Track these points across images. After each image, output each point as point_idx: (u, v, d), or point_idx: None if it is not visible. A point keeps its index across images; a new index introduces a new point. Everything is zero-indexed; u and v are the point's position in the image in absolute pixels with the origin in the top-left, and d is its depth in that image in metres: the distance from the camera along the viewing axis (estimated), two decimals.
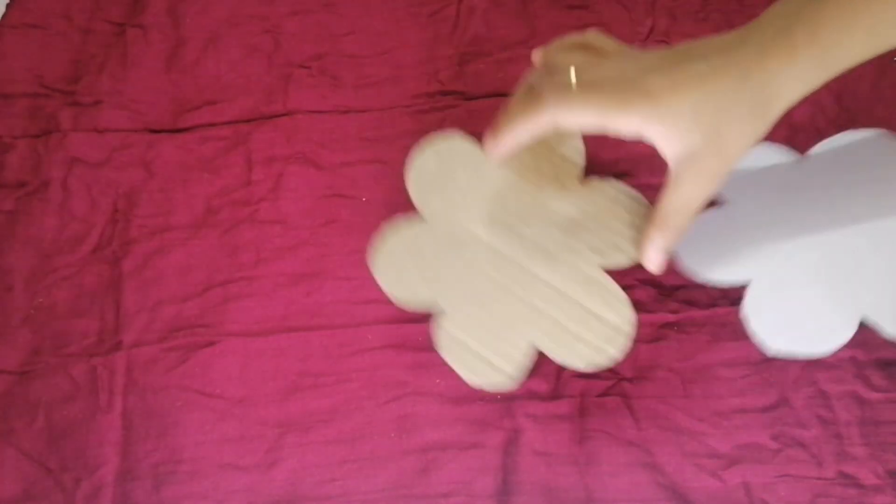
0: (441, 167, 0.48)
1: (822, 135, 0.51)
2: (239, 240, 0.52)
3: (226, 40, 0.58)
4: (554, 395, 0.46)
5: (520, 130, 0.40)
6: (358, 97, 0.56)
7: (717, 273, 0.46)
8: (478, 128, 0.53)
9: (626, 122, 0.37)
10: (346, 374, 0.48)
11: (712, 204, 0.46)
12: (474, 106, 0.54)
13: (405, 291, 0.46)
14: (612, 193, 0.46)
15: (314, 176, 0.53)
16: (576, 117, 0.38)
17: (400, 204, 0.52)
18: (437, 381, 0.47)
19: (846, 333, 0.44)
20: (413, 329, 0.48)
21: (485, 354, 0.44)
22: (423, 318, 0.48)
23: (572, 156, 0.47)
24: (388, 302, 0.49)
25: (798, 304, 0.45)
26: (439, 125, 0.54)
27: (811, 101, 0.51)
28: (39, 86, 0.57)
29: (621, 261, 0.45)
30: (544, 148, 0.47)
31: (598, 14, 0.56)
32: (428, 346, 0.48)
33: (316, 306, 0.50)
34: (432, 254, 0.46)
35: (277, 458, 0.46)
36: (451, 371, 0.47)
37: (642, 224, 0.45)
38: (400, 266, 0.46)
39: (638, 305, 0.46)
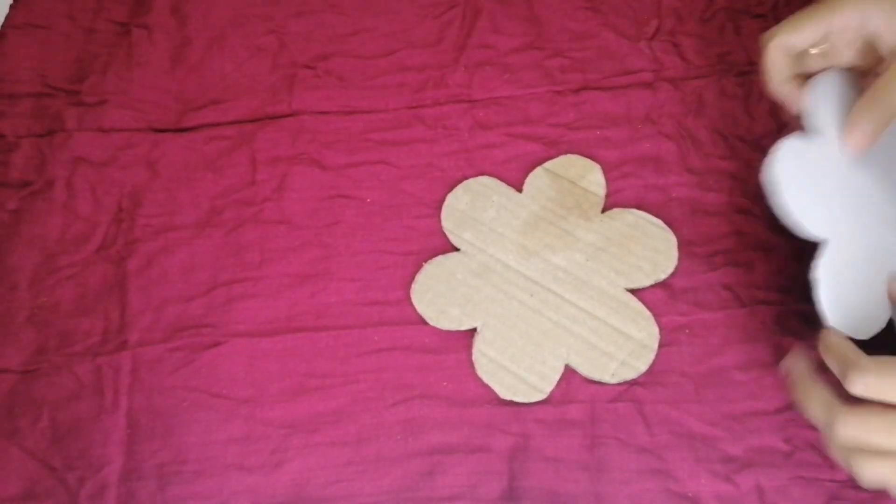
0: (472, 203, 0.51)
1: None
2: (243, 240, 0.52)
3: (230, 40, 0.58)
4: (564, 401, 0.46)
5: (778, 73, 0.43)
6: (363, 98, 0.56)
7: (802, 216, 0.41)
8: (481, 128, 0.54)
9: (846, 18, 0.40)
10: (353, 376, 0.47)
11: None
12: (481, 107, 0.54)
13: (443, 316, 0.48)
14: (632, 220, 0.50)
15: (318, 176, 0.53)
16: (802, 33, 0.41)
17: (404, 206, 0.52)
18: (445, 383, 0.47)
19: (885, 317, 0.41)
20: (420, 331, 0.48)
21: (519, 372, 0.47)
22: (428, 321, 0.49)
23: (593, 188, 0.51)
24: (395, 304, 0.49)
25: (864, 278, 0.41)
26: (445, 126, 0.54)
27: None
28: (44, 85, 0.57)
29: (643, 281, 0.48)
30: (567, 182, 0.51)
31: (604, 15, 0.56)
32: (435, 349, 0.48)
33: (321, 307, 0.50)
34: (465, 282, 0.49)
35: (283, 459, 0.46)
36: (459, 374, 0.47)
37: (661, 246, 0.49)
38: (437, 293, 0.49)
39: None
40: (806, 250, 0.47)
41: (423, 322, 0.48)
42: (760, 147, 0.51)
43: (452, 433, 0.46)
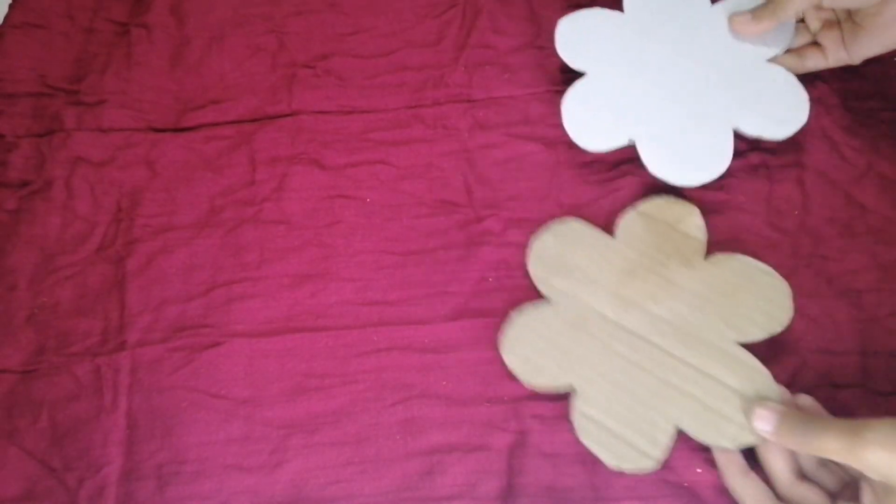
0: (560, 249, 0.48)
1: (830, 137, 0.51)
2: (242, 240, 0.52)
3: (230, 40, 0.58)
4: (561, 396, 0.46)
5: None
6: (362, 97, 0.56)
7: (601, 140, 0.49)
8: (481, 128, 0.54)
9: None
10: (352, 376, 0.47)
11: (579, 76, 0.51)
12: (480, 107, 0.54)
13: (537, 374, 0.45)
14: (740, 267, 0.46)
15: (318, 176, 0.53)
16: None
17: (404, 206, 0.52)
18: (444, 383, 0.47)
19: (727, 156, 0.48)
20: (419, 331, 0.48)
21: (627, 437, 0.43)
22: (428, 321, 0.49)
23: (693, 232, 0.48)
24: (394, 304, 0.49)
25: (680, 140, 0.49)
26: (444, 126, 0.54)
27: (816, 100, 0.52)
28: (43, 85, 0.57)
29: (756, 335, 0.44)
30: (664, 226, 0.48)
31: None
32: (434, 349, 0.48)
33: (321, 307, 0.49)
34: (561, 335, 0.46)
35: (282, 459, 0.46)
36: (457, 373, 0.47)
37: (775, 296, 0.45)
38: (529, 349, 0.46)
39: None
40: (803, 244, 0.48)
41: (423, 322, 0.48)
42: (759, 146, 0.51)
43: (451, 432, 0.46)
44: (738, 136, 0.49)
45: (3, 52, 0.58)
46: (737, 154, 0.49)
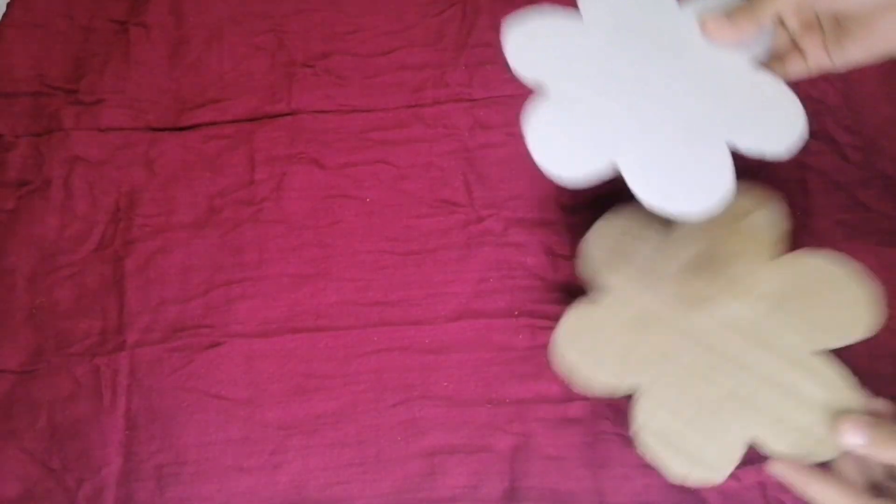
0: (619, 244, 0.45)
1: (831, 138, 0.51)
2: (242, 240, 0.52)
3: (229, 39, 0.58)
4: (566, 398, 0.46)
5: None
6: (363, 97, 0.55)
7: (578, 168, 0.41)
8: (482, 127, 0.54)
9: None
10: (353, 377, 0.47)
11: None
12: (481, 106, 0.54)
13: (595, 377, 0.42)
14: (818, 265, 0.42)
15: (318, 176, 0.53)
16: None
17: (404, 206, 0.52)
18: (445, 384, 0.47)
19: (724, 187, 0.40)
20: (420, 331, 0.48)
21: (692, 448, 0.40)
22: (429, 321, 0.48)
23: (766, 225, 0.44)
24: (395, 304, 0.49)
25: (673, 164, 0.40)
26: (445, 126, 0.54)
27: (817, 100, 0.51)
28: (41, 84, 0.57)
29: (833, 342, 0.41)
30: (733, 218, 0.43)
31: None
32: (435, 349, 0.48)
33: (321, 307, 0.49)
34: (620, 335, 0.43)
35: (282, 460, 0.46)
36: (459, 374, 0.47)
37: (857, 297, 0.41)
38: (587, 350, 0.43)
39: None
40: (807, 246, 0.47)
41: (423, 322, 0.48)
42: None
43: (453, 433, 0.46)
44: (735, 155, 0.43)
45: (2, 52, 0.58)
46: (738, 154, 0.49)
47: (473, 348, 0.48)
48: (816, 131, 0.51)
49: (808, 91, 0.51)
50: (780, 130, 0.41)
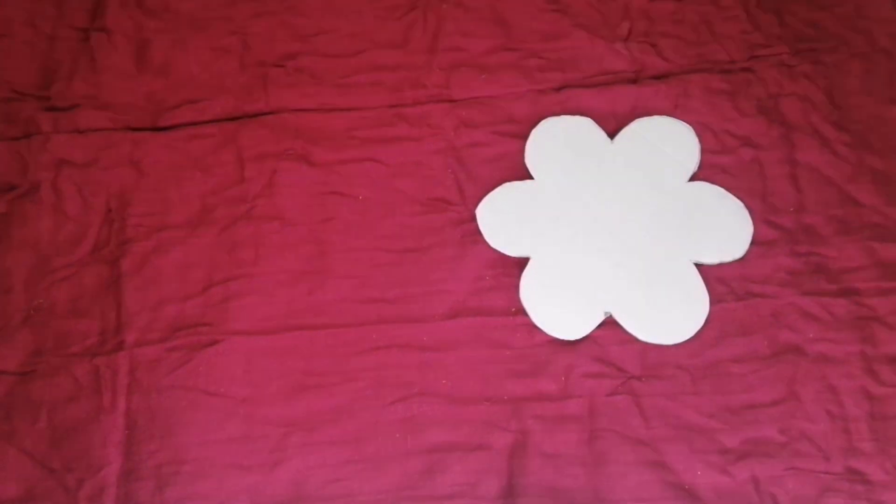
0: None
1: (820, 134, 0.51)
2: (237, 237, 0.52)
3: (193, 41, 0.57)
4: (563, 396, 0.47)
5: None
6: (340, 96, 0.55)
7: (578, 327, 0.48)
8: (467, 127, 0.54)
9: None
10: (352, 374, 0.48)
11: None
12: (463, 107, 0.54)
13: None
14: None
15: (308, 173, 0.53)
16: None
17: (397, 204, 0.52)
18: (443, 381, 0.47)
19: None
20: (418, 329, 0.48)
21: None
22: (427, 319, 0.49)
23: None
24: (392, 301, 0.49)
25: (656, 294, 0.48)
26: (429, 125, 0.54)
27: (802, 97, 0.52)
28: (11, 91, 0.56)
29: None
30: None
31: (572, 17, 0.56)
32: (433, 347, 0.48)
33: (319, 305, 0.50)
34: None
35: (282, 458, 0.46)
36: (457, 372, 0.47)
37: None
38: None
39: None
40: (801, 242, 0.48)
41: (422, 320, 0.49)
42: (751, 142, 0.52)
43: (452, 431, 0.46)
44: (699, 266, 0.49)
45: None
46: (728, 151, 0.50)
47: (471, 346, 0.48)
48: (804, 126, 0.51)
49: (793, 89, 0.51)
50: (734, 236, 0.49)
